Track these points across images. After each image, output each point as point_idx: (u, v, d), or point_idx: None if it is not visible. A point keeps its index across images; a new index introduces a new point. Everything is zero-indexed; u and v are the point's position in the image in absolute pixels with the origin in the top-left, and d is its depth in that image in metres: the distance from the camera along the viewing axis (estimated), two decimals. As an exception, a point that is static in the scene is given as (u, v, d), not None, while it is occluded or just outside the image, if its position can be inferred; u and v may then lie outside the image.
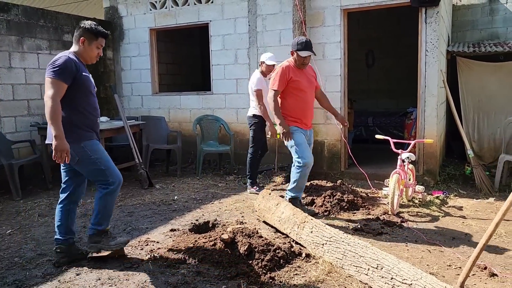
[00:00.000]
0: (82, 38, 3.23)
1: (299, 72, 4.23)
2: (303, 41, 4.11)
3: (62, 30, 6.87)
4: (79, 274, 3.11)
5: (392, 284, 2.64)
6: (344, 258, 3.04)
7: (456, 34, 8.29)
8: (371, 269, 2.82)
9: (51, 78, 3.01)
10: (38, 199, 5.23)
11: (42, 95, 6.54)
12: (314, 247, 3.32)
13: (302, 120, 4.27)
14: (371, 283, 2.80)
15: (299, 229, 3.53)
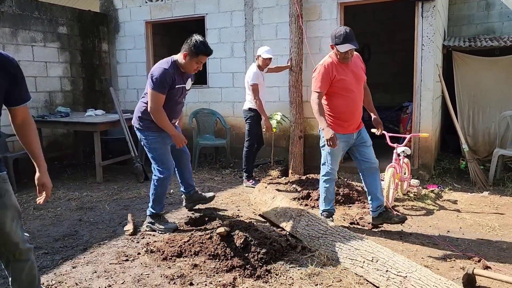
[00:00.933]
0: (185, 52, 3.58)
1: (344, 67, 3.62)
2: (341, 33, 3.49)
3: (56, 22, 6.82)
4: (75, 267, 3.12)
5: (387, 276, 2.66)
6: (340, 251, 3.06)
7: (452, 28, 8.30)
8: (366, 262, 2.84)
9: (152, 89, 3.50)
10: (33, 192, 5.20)
11: (37, 88, 6.50)
12: (310, 240, 3.34)
13: (349, 123, 3.70)
14: (366, 276, 2.82)
15: (295, 222, 3.54)
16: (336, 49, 3.57)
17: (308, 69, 6.01)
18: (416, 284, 2.49)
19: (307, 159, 6.15)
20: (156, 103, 3.51)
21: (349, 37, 3.47)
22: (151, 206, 3.83)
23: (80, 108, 7.19)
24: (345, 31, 3.50)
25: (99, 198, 4.99)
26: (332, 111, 3.69)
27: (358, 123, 3.78)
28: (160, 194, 3.79)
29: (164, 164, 3.73)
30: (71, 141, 7.04)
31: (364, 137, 3.83)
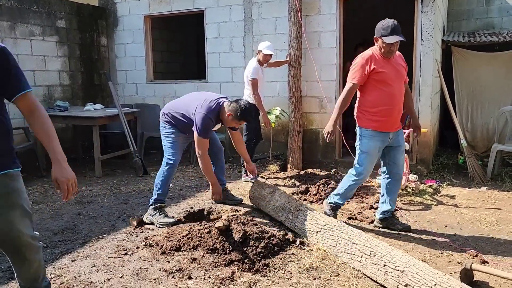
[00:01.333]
0: (230, 113, 3.74)
1: (385, 62, 3.47)
2: (389, 25, 3.37)
3: (55, 16, 6.79)
4: (74, 260, 3.13)
5: (384, 270, 2.68)
6: (338, 245, 3.08)
7: (451, 23, 8.28)
8: (364, 256, 2.86)
9: (197, 135, 3.74)
10: (32, 186, 5.22)
11: (35, 82, 6.48)
12: (309, 234, 3.35)
13: (386, 120, 3.48)
14: (364, 270, 2.84)
15: (293, 217, 3.56)
16: (381, 41, 3.41)
17: (307, 64, 6.01)
18: (413, 278, 2.51)
19: (306, 154, 6.16)
20: (202, 147, 3.80)
21: (396, 30, 3.36)
22: (156, 193, 3.92)
23: (79, 102, 7.17)
24: (392, 23, 3.37)
25: (98, 192, 5.00)
26: (369, 105, 3.51)
27: (397, 121, 3.56)
28: (164, 182, 3.92)
29: (173, 151, 3.93)
30: (70, 135, 7.04)
31: (400, 140, 3.63)
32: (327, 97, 6.03)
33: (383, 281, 2.68)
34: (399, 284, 2.57)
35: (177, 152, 3.95)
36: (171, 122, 3.94)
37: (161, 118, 4.02)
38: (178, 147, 3.96)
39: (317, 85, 6.04)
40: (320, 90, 6.03)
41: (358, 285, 2.72)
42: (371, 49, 3.54)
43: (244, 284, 2.71)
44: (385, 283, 2.67)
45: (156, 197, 3.92)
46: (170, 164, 3.92)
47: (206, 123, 3.69)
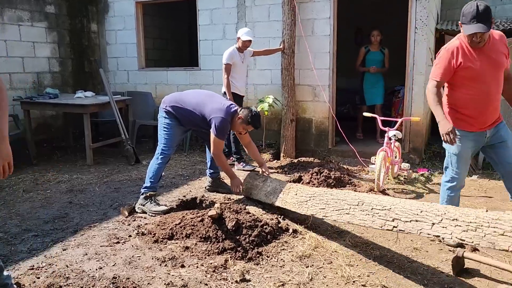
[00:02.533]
0: (241, 116, 3.82)
1: (477, 52, 2.88)
2: (470, 11, 2.79)
3: (44, 1, 6.65)
4: (65, 249, 3.10)
5: (372, 213, 2.71)
6: (327, 206, 3.06)
7: (445, 12, 8.25)
8: (352, 207, 2.87)
9: (214, 135, 3.79)
10: (23, 175, 5.16)
11: (24, 68, 6.38)
12: (298, 206, 3.32)
13: (476, 120, 2.99)
14: (353, 220, 2.83)
15: (284, 195, 3.55)
16: (462, 30, 2.87)
17: (300, 52, 5.97)
18: (400, 212, 2.57)
19: (299, 143, 6.15)
20: (218, 148, 3.87)
21: (479, 17, 2.74)
22: (148, 181, 3.92)
23: (69, 89, 7.07)
24: (475, 8, 2.76)
25: (89, 180, 4.95)
26: (458, 103, 3.03)
27: (492, 119, 3.01)
28: (157, 170, 3.94)
29: (167, 143, 3.94)
30: (60, 123, 6.96)
31: (503, 135, 3.03)
32: (321, 85, 6.01)
33: (371, 223, 2.70)
34: (386, 220, 2.61)
35: (173, 144, 3.97)
36: (173, 114, 3.91)
37: (163, 108, 3.97)
38: (174, 139, 3.98)
39: (310, 73, 6.01)
40: (313, 78, 6.00)
41: (351, 273, 2.73)
42: (458, 37, 2.96)
43: (237, 272, 2.71)
44: (373, 225, 2.69)
45: (149, 184, 3.91)
46: (164, 154, 3.93)
47: (225, 126, 3.82)
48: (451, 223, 2.33)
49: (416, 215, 2.50)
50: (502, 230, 2.11)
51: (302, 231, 3.37)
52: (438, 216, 2.41)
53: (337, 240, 3.28)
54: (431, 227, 2.40)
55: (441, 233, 2.35)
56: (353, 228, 3.51)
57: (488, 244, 2.14)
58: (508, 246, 2.05)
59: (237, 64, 5.31)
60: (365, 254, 3.03)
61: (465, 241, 2.25)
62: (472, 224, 2.24)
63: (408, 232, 2.52)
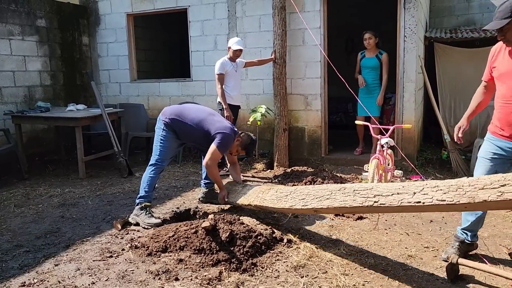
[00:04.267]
0: (240, 140, 3.97)
1: (508, 52, 2.73)
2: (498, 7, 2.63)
3: (35, 15, 6.64)
4: (57, 264, 3.06)
5: (353, 194, 2.71)
6: (308, 196, 3.04)
7: (433, 20, 8.37)
8: (333, 193, 2.86)
9: (216, 147, 3.79)
10: (14, 189, 5.10)
11: (15, 82, 6.35)
12: (277, 201, 3.28)
13: (501, 122, 2.79)
14: (333, 203, 2.81)
15: (263, 194, 3.52)
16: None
17: (292, 61, 6.01)
18: (382, 189, 2.56)
19: (292, 152, 6.16)
20: (214, 159, 3.86)
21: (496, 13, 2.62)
22: (143, 192, 3.91)
23: (61, 102, 7.04)
24: (501, 4, 2.61)
25: (82, 194, 4.91)
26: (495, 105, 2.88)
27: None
28: (150, 181, 3.93)
29: (161, 156, 3.94)
30: (52, 137, 6.91)
31: None
32: (312, 94, 6.04)
33: (352, 202, 2.68)
34: (367, 197, 2.60)
35: (167, 157, 3.98)
36: (171, 127, 3.90)
37: (162, 120, 3.94)
38: (169, 152, 3.99)
39: (302, 82, 6.04)
40: (305, 88, 6.03)
41: (346, 282, 2.72)
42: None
43: (231, 284, 2.69)
44: (354, 203, 2.67)
45: (143, 194, 3.89)
46: (158, 165, 3.93)
47: (229, 142, 3.88)
48: (432, 189, 2.33)
49: (397, 189, 2.49)
50: (482, 185, 2.14)
51: (297, 241, 3.36)
52: (419, 187, 2.41)
53: (331, 249, 3.27)
54: (412, 196, 2.39)
55: (422, 199, 2.34)
56: (347, 237, 3.51)
57: (468, 199, 2.15)
58: (488, 197, 2.08)
59: (231, 74, 5.33)
60: (360, 263, 3.03)
61: (446, 201, 2.23)
62: (453, 187, 2.25)
63: (389, 206, 2.48)
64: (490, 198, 2.07)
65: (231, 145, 3.92)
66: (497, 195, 2.06)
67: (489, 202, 2.09)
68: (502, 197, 2.04)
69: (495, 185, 2.09)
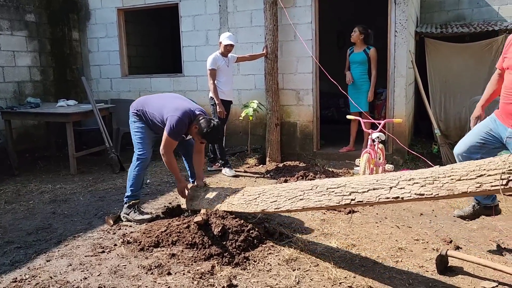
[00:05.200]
0: (197, 127, 3.55)
1: None
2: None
3: (24, 10, 6.57)
4: (49, 260, 3.06)
5: (328, 193, 2.67)
6: (279, 198, 2.97)
7: (424, 15, 8.43)
8: (305, 192, 2.81)
9: (167, 134, 3.56)
10: (4, 186, 5.06)
11: (4, 78, 6.28)
12: (246, 206, 3.20)
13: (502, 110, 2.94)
14: (308, 204, 2.77)
15: (230, 198, 3.41)
16: None
17: (283, 57, 6.01)
18: (356, 185, 2.54)
19: (284, 147, 6.18)
20: (168, 148, 3.64)
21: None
22: (129, 190, 3.84)
23: (51, 98, 6.98)
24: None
25: (73, 190, 4.89)
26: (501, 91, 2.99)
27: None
28: (136, 177, 3.84)
29: (142, 146, 3.84)
30: (42, 133, 6.86)
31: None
32: (304, 89, 6.06)
33: (328, 201, 2.65)
34: (343, 195, 2.58)
35: (147, 147, 3.83)
36: (141, 118, 3.81)
37: (131, 112, 3.88)
38: (147, 142, 3.84)
39: (294, 77, 6.05)
40: (297, 83, 6.05)
41: (337, 274, 2.75)
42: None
43: (224, 278, 2.70)
44: (330, 203, 2.64)
45: (130, 193, 3.83)
46: (140, 159, 3.81)
47: (180, 126, 3.56)
48: (408, 183, 2.33)
49: (372, 185, 2.47)
50: (458, 175, 2.15)
51: (289, 235, 3.39)
52: (394, 181, 2.39)
53: (323, 242, 3.30)
54: (389, 191, 2.38)
55: (400, 194, 2.33)
56: (339, 230, 3.54)
57: (448, 192, 2.16)
58: (467, 188, 2.09)
59: (223, 69, 5.32)
60: (351, 256, 3.06)
61: (425, 195, 2.24)
62: (429, 179, 2.25)
63: (367, 202, 2.48)
64: (470, 190, 2.09)
65: (184, 129, 3.61)
66: (476, 186, 2.07)
67: (469, 193, 2.11)
68: (481, 188, 2.06)
69: (472, 176, 2.10)
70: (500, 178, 2.00)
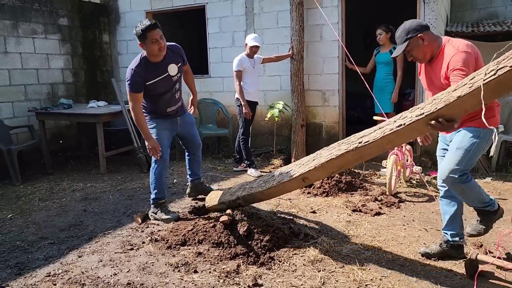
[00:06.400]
0: (139, 43, 3.53)
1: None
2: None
3: (57, 14, 6.80)
4: (81, 256, 3.16)
5: (338, 145, 2.80)
6: (294, 166, 3.12)
7: (454, 14, 8.22)
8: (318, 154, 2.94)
9: (128, 91, 3.61)
10: (38, 184, 5.26)
11: (39, 80, 6.51)
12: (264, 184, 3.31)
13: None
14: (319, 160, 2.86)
15: (249, 184, 3.51)
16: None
17: (309, 57, 6.00)
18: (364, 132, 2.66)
19: (309, 148, 6.15)
20: (132, 101, 3.60)
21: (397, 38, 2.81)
22: (153, 192, 3.92)
23: (83, 99, 7.20)
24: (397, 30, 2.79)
25: (103, 188, 5.03)
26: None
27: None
28: (158, 179, 3.87)
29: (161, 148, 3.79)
30: (74, 133, 7.08)
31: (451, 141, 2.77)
32: (330, 90, 6.03)
33: (337, 151, 2.74)
34: (352, 142, 2.67)
35: (163, 148, 3.78)
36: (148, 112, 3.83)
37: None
38: (164, 143, 3.80)
39: (319, 78, 6.03)
40: (323, 83, 6.02)
41: (363, 276, 2.73)
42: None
43: (249, 277, 2.73)
44: (339, 152, 2.73)
45: (154, 196, 3.90)
46: (158, 162, 3.82)
47: (132, 76, 3.53)
48: (409, 112, 2.44)
49: (378, 127, 2.59)
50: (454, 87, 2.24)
51: (314, 236, 3.38)
52: (397, 117, 2.51)
53: (348, 244, 3.28)
54: (393, 124, 2.48)
55: (402, 121, 2.42)
56: (365, 232, 3.51)
57: (445, 103, 2.22)
58: (461, 92, 2.17)
59: (248, 70, 5.36)
60: (377, 258, 3.03)
61: (424, 113, 2.30)
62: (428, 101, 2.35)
63: (373, 140, 2.54)
64: (464, 92, 2.16)
65: (138, 76, 3.53)
66: (469, 87, 2.15)
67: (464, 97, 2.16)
68: (474, 87, 2.12)
69: (465, 82, 2.18)
70: (484, 73, 2.09)
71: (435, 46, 2.70)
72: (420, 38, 2.66)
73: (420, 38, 2.67)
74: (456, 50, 2.61)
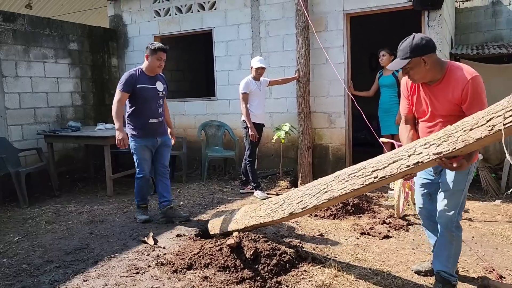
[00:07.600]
0: (147, 54, 4.29)
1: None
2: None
3: (67, 39, 6.95)
4: (86, 280, 3.13)
5: (349, 178, 2.68)
6: (304, 197, 2.98)
7: (459, 36, 8.29)
8: (329, 184, 2.82)
9: (118, 90, 4.22)
10: (45, 206, 5.27)
11: (48, 103, 6.61)
12: (274, 214, 3.21)
13: None
14: (333, 194, 2.77)
15: (256, 212, 3.42)
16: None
17: (315, 80, 6.05)
18: (375, 164, 2.55)
19: (316, 170, 6.14)
20: (118, 98, 4.21)
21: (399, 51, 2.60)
22: (136, 201, 4.57)
23: (91, 122, 7.28)
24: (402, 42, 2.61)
25: (109, 211, 5.03)
26: None
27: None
28: (140, 189, 4.47)
29: (140, 167, 4.39)
30: (82, 155, 7.13)
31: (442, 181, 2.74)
32: (336, 112, 6.05)
33: (352, 185, 2.64)
34: (366, 176, 2.57)
35: (144, 166, 4.37)
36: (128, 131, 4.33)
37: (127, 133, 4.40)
38: (143, 161, 4.36)
39: (325, 100, 6.06)
40: (328, 106, 6.05)
41: (372, 302, 2.68)
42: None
43: (256, 302, 2.68)
44: (354, 186, 2.63)
45: (137, 202, 4.56)
46: (139, 178, 4.41)
47: (126, 76, 4.21)
48: (424, 147, 2.35)
49: (391, 159, 2.48)
50: (469, 125, 2.16)
51: (322, 260, 3.33)
52: (410, 149, 2.41)
53: (357, 268, 3.22)
54: (408, 159, 2.40)
55: (419, 158, 2.34)
56: (373, 256, 3.46)
57: (464, 143, 2.16)
58: (481, 134, 2.10)
59: (255, 93, 5.41)
60: (386, 283, 2.97)
61: (443, 153, 2.24)
62: (443, 137, 2.26)
63: (390, 175, 2.46)
64: (483, 134, 2.10)
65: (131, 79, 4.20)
66: (488, 130, 2.08)
67: (484, 139, 2.10)
68: (494, 130, 2.06)
69: (482, 122, 2.11)
70: (503, 117, 2.02)
71: (437, 70, 2.53)
72: (423, 60, 2.48)
73: (423, 61, 2.48)
74: (470, 74, 2.53)
